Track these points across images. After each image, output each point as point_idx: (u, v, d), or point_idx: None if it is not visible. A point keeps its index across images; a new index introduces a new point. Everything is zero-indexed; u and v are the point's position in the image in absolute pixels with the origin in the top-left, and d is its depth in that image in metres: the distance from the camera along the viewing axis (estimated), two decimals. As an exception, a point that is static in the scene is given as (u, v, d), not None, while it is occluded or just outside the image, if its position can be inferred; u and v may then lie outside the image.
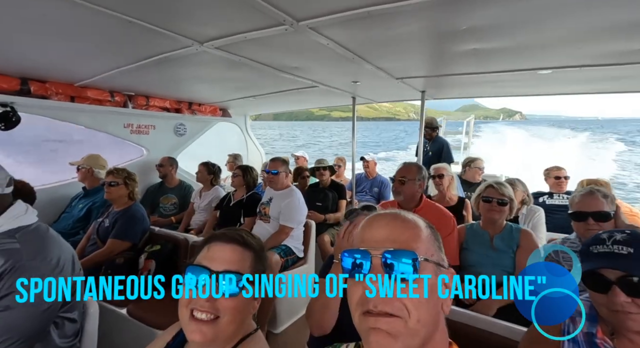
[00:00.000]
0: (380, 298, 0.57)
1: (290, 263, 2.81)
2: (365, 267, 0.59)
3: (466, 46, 1.77)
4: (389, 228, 0.63)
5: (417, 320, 0.56)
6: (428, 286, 0.59)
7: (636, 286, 0.84)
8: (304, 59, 2.22)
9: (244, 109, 4.92)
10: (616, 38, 1.55)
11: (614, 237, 0.92)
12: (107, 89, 3.19)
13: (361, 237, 0.65)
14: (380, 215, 0.66)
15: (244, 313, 0.83)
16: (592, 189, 1.79)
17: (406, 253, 0.58)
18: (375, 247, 0.60)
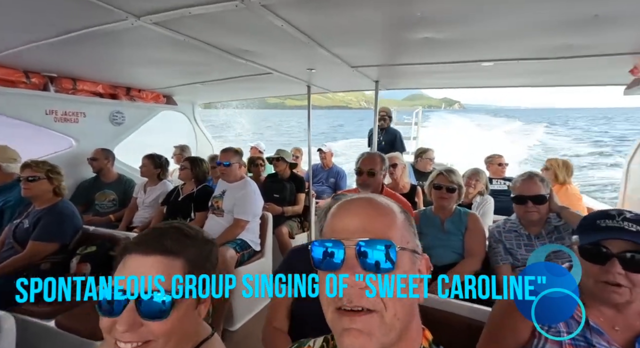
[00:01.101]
0: (355, 292, 0.52)
1: (247, 257, 2.71)
2: (338, 259, 0.54)
3: (419, 34, 1.79)
4: (362, 216, 0.58)
5: (393, 314, 0.53)
6: (405, 276, 0.55)
7: (633, 260, 0.89)
8: (257, 42, 2.08)
9: (192, 96, 4.57)
10: (552, 33, 1.68)
11: (624, 214, 0.94)
12: (21, 68, 2.71)
13: (332, 226, 0.59)
14: (352, 201, 0.61)
15: (185, 329, 0.72)
16: (531, 174, 1.95)
17: (382, 242, 0.54)
18: (348, 237, 0.55)
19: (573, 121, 57.32)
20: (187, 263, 0.72)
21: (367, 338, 0.51)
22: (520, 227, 1.99)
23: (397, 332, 0.54)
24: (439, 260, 2.01)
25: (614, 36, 1.66)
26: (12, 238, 2.18)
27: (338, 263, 0.54)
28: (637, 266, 0.89)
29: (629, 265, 0.89)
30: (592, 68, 2.25)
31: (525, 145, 21.55)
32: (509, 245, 2.00)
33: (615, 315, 0.95)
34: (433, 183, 2.20)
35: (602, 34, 1.64)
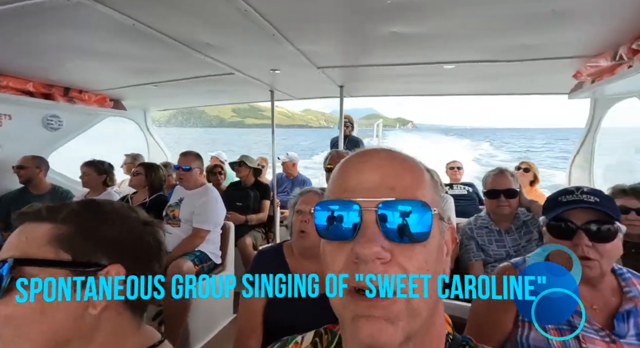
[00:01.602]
0: (376, 267, 0.39)
1: (206, 270, 2.44)
2: (351, 224, 0.42)
3: (386, 28, 1.77)
4: (383, 170, 0.44)
5: (421, 296, 0.41)
6: (435, 249, 0.44)
7: (599, 232, 0.91)
8: (219, 33, 1.93)
9: (143, 101, 4.21)
10: (509, 31, 1.76)
11: (582, 188, 0.98)
12: None
13: (343, 183, 0.45)
14: (367, 152, 0.48)
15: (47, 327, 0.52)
16: (502, 169, 2.00)
17: (413, 204, 0.42)
18: (366, 197, 0.42)
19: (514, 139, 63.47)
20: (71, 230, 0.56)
21: (391, 328, 0.39)
22: (490, 222, 2.02)
23: (423, 318, 0.42)
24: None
25: (562, 37, 1.78)
26: None
27: (350, 231, 0.41)
28: (603, 237, 0.92)
29: (595, 236, 0.92)
30: (541, 72, 2.41)
31: (474, 159, 23.50)
32: (481, 242, 2.02)
33: (592, 294, 0.96)
34: None
35: (553, 34, 1.74)
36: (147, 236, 0.62)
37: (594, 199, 0.94)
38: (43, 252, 0.53)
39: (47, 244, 0.54)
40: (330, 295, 0.44)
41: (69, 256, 0.54)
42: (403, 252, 0.41)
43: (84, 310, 0.53)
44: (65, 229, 0.56)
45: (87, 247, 0.55)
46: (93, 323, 0.55)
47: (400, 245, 0.41)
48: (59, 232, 0.55)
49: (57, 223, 0.56)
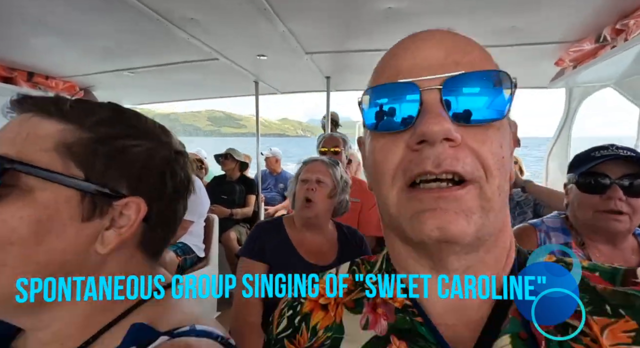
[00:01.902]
0: (445, 151, 0.33)
1: (189, 263, 2.29)
2: (413, 106, 0.35)
3: (381, 3, 1.74)
4: (446, 45, 0.38)
5: (497, 186, 0.34)
6: (508, 135, 0.38)
7: (632, 186, 0.89)
8: (205, 7, 1.83)
9: (118, 91, 3.96)
10: (500, 12, 1.77)
11: (615, 145, 0.97)
12: None
13: (396, 64, 0.38)
14: (424, 32, 0.41)
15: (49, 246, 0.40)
16: None
17: (486, 75, 0.35)
18: (426, 75, 0.35)
19: None
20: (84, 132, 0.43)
21: (463, 220, 0.32)
22: None
23: (496, 214, 0.35)
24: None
25: (548, 19, 1.82)
26: None
27: (411, 117, 0.35)
28: (637, 191, 0.90)
29: (629, 190, 0.90)
30: (526, 60, 2.47)
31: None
32: None
33: (612, 252, 0.95)
34: None
35: (540, 16, 1.78)
36: (178, 169, 0.50)
37: (629, 153, 0.93)
38: (47, 159, 0.40)
39: (54, 150, 0.41)
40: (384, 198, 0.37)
41: (81, 173, 0.41)
42: (475, 136, 0.34)
43: (89, 246, 0.42)
44: (83, 136, 0.42)
45: (107, 167, 0.43)
46: (98, 262, 0.43)
47: (471, 127, 0.34)
48: (73, 138, 0.41)
49: (73, 125, 0.42)
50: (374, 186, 0.40)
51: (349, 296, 0.44)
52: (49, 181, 0.39)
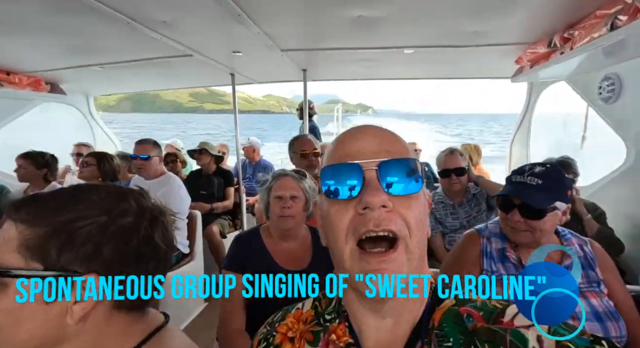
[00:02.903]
0: (382, 214, 0.45)
1: (175, 260, 2.39)
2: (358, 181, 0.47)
3: (350, 11, 1.81)
4: (379, 138, 0.51)
5: (416, 242, 0.47)
6: (424, 202, 0.51)
7: (529, 211, 1.08)
8: (177, 11, 1.82)
9: (86, 84, 3.82)
10: (462, 18, 1.89)
11: (533, 169, 1.13)
12: None
13: (345, 150, 0.51)
14: (363, 126, 0.54)
15: None
16: (452, 150, 2.21)
17: (408, 162, 0.48)
18: (368, 159, 0.48)
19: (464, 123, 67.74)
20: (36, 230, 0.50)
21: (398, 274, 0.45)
22: (445, 197, 2.24)
23: (417, 262, 0.48)
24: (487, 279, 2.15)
25: (505, 24, 1.96)
26: None
27: (356, 189, 0.47)
28: (532, 214, 1.09)
29: (525, 213, 1.09)
30: (489, 57, 2.63)
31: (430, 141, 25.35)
32: (438, 215, 2.23)
33: None
34: None
35: (497, 21, 1.91)
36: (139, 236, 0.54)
37: (537, 182, 1.10)
38: (12, 259, 0.48)
39: (16, 251, 0.49)
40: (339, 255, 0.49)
41: (39, 264, 0.49)
42: (402, 204, 0.47)
43: (61, 320, 0.49)
44: (40, 232, 0.49)
45: (60, 253, 0.49)
46: (76, 330, 0.51)
47: (399, 197, 0.47)
48: (30, 236, 0.49)
49: (30, 224, 0.50)
50: (330, 242, 0.52)
51: (310, 330, 0.56)
52: (13, 278, 0.48)
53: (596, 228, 1.95)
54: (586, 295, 1.09)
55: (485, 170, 3.90)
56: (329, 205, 0.50)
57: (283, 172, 1.40)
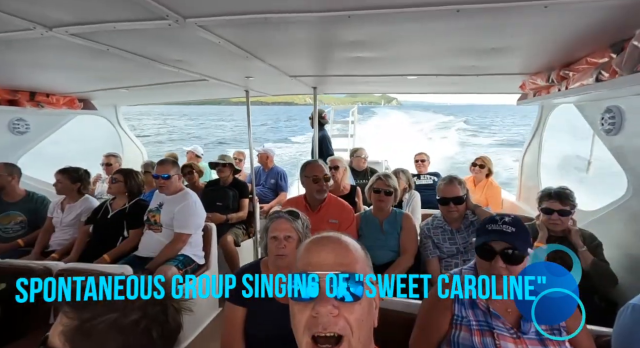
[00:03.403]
0: (329, 319, 0.60)
1: (190, 272, 2.61)
2: (314, 290, 0.61)
3: (351, 54, 1.93)
4: (334, 252, 0.66)
5: (358, 339, 0.62)
6: (367, 305, 0.65)
7: (511, 257, 1.15)
8: (191, 53, 2.00)
9: (114, 100, 4.14)
10: (454, 57, 1.96)
11: (504, 219, 1.23)
12: None
13: (306, 260, 0.66)
14: (324, 238, 0.69)
15: None
16: (452, 178, 2.25)
17: (352, 275, 0.62)
18: (323, 271, 0.62)
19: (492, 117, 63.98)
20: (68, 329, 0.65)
21: None
22: (444, 223, 2.28)
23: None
24: (378, 260, 2.21)
25: (506, 61, 2.01)
26: None
27: (314, 295, 0.61)
28: (515, 260, 1.17)
29: (508, 260, 1.17)
30: (492, 82, 2.66)
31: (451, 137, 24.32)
32: (437, 240, 2.27)
33: (507, 301, 1.18)
34: (372, 187, 2.38)
35: (498, 59, 1.97)
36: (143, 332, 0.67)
37: (511, 229, 1.18)
38: (56, 342, 0.65)
39: (58, 336, 0.65)
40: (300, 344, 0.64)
41: None
42: (346, 309, 0.62)
43: None
44: (72, 325, 0.65)
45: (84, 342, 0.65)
46: None
47: (344, 303, 0.62)
48: (65, 328, 0.65)
49: (69, 316, 0.66)
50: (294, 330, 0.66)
51: None
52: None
53: (590, 261, 1.97)
54: (546, 343, 1.16)
55: (495, 182, 3.90)
56: (294, 304, 0.65)
57: (277, 214, 1.53)
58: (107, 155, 4.17)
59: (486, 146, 21.77)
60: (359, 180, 3.95)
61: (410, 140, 16.86)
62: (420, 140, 18.65)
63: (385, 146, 12.66)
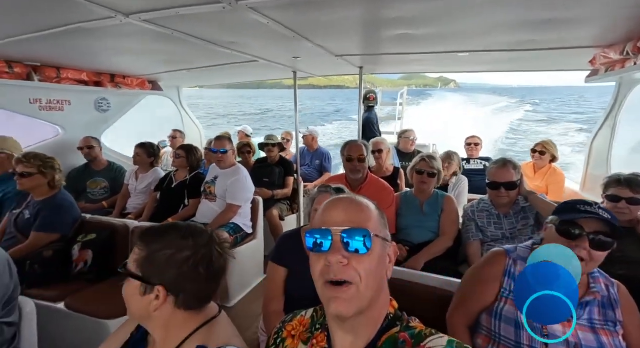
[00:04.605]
0: (339, 268, 0.68)
1: (240, 240, 2.88)
2: (326, 244, 0.70)
3: (397, 31, 1.90)
4: (346, 211, 0.73)
5: (366, 286, 0.69)
6: (377, 258, 0.72)
7: (600, 242, 1.08)
8: (242, 35, 2.14)
9: (177, 81, 4.54)
10: (516, 31, 1.82)
11: (599, 205, 1.15)
12: (3, 58, 2.68)
13: (322, 218, 0.74)
14: (339, 199, 0.77)
15: None
16: (505, 161, 2.08)
17: (360, 231, 0.70)
18: (335, 226, 0.71)
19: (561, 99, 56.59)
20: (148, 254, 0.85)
21: (348, 304, 0.69)
22: (491, 207, 2.16)
23: (368, 300, 0.71)
24: (416, 239, 2.22)
25: (572, 33, 1.81)
26: (14, 227, 2.27)
27: (327, 247, 0.70)
28: (601, 246, 1.09)
29: (596, 244, 1.09)
30: (556, 57, 2.41)
31: (509, 122, 22.18)
32: (481, 223, 2.17)
33: None
34: (415, 168, 2.36)
35: (561, 32, 1.78)
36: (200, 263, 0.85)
37: (607, 216, 1.10)
38: (132, 267, 0.85)
39: (132, 262, 0.85)
40: (317, 287, 0.74)
41: (141, 274, 0.84)
42: (356, 259, 0.70)
43: (147, 306, 0.83)
44: (143, 254, 0.84)
45: (149, 270, 0.83)
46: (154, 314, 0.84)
47: (354, 255, 0.70)
48: (139, 256, 0.85)
49: (141, 248, 0.85)
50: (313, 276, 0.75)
51: (305, 332, 0.82)
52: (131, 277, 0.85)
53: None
54: (598, 331, 1.12)
55: (559, 169, 3.57)
56: (311, 254, 0.75)
57: (325, 189, 1.61)
58: (174, 130, 4.74)
59: (552, 131, 19.55)
60: (405, 162, 3.91)
61: (465, 125, 15.72)
62: (476, 125, 17.25)
63: (436, 130, 12.04)
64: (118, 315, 1.86)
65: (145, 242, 0.86)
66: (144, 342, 0.91)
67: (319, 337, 0.79)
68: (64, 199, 2.33)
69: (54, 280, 2.15)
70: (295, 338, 0.84)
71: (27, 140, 3.19)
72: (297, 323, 0.86)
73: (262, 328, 1.61)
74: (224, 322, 0.92)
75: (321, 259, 0.71)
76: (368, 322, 0.74)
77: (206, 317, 0.89)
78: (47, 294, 2.05)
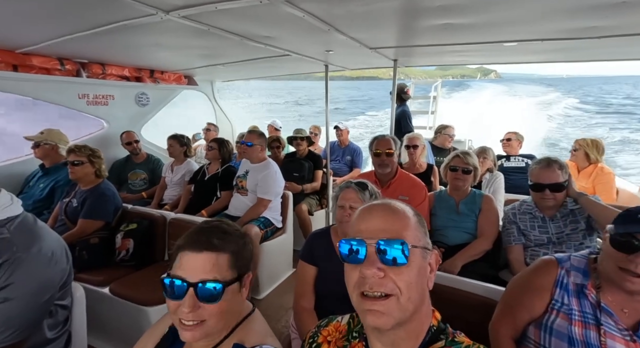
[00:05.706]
0: (375, 281, 0.64)
1: (270, 234, 2.91)
2: (362, 254, 0.66)
3: (438, 21, 1.79)
4: (382, 219, 0.68)
5: (407, 298, 0.65)
6: (416, 269, 0.67)
7: None
8: (277, 29, 2.12)
9: (211, 75, 4.65)
10: (575, 17, 1.64)
11: None
12: (55, 56, 2.87)
13: (357, 227, 0.70)
14: (374, 206, 0.72)
15: (232, 309, 0.84)
16: (550, 161, 1.89)
17: (397, 241, 0.65)
18: (370, 237, 0.66)
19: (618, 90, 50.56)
20: (232, 256, 0.84)
21: (386, 317, 0.65)
22: (535, 209, 1.98)
23: (410, 312, 0.66)
24: (452, 241, 2.12)
25: (634, 19, 1.61)
26: (64, 215, 2.45)
27: (362, 259, 0.66)
28: None
29: None
30: (618, 45, 2.17)
31: (558, 115, 20.61)
32: (523, 227, 2.00)
33: (626, 300, 1.03)
34: (449, 165, 2.23)
35: (630, 16, 1.59)
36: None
37: None
38: (230, 275, 0.82)
39: (229, 268, 0.82)
40: (351, 298, 0.70)
41: (237, 272, 0.84)
42: (393, 272, 0.65)
43: (240, 298, 0.86)
44: (226, 257, 0.82)
45: (241, 265, 0.85)
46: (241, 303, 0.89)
47: (391, 267, 0.65)
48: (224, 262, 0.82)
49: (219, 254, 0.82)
50: (347, 286, 0.71)
51: (341, 339, 0.79)
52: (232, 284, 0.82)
53: None
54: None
55: (609, 168, 3.25)
56: (346, 265, 0.71)
57: (347, 184, 1.58)
58: (209, 123, 4.89)
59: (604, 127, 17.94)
60: (440, 157, 3.75)
61: (506, 119, 14.79)
62: (518, 119, 16.20)
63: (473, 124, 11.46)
64: (156, 303, 1.95)
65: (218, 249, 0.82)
66: None
67: (356, 346, 0.76)
68: (106, 188, 2.47)
69: (100, 265, 2.30)
70: (331, 345, 0.81)
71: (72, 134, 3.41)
72: (333, 329, 0.84)
73: (293, 325, 1.62)
74: (259, 319, 0.93)
75: (356, 270, 0.67)
76: (409, 335, 0.69)
77: (245, 311, 0.90)
78: (94, 279, 2.19)
